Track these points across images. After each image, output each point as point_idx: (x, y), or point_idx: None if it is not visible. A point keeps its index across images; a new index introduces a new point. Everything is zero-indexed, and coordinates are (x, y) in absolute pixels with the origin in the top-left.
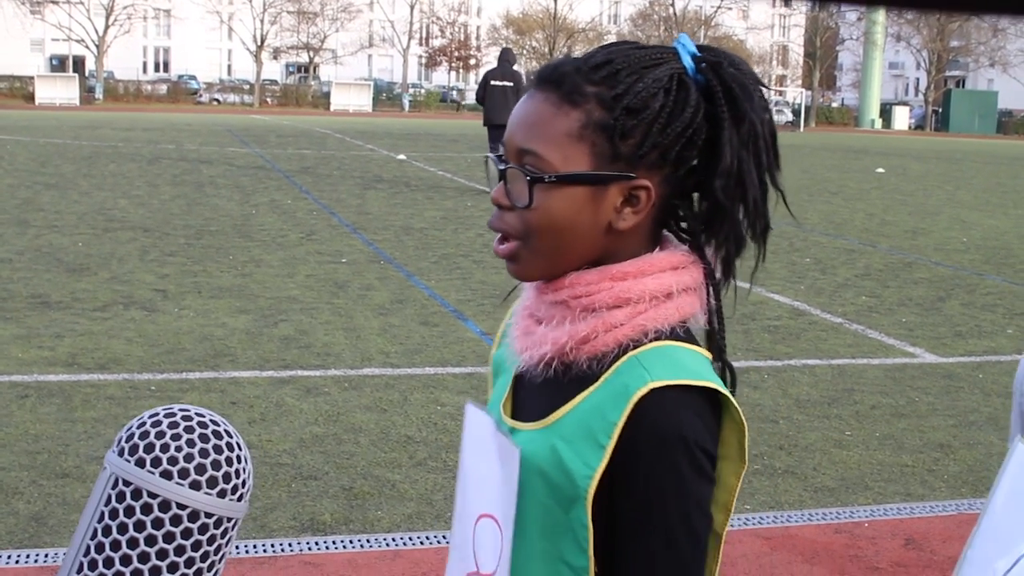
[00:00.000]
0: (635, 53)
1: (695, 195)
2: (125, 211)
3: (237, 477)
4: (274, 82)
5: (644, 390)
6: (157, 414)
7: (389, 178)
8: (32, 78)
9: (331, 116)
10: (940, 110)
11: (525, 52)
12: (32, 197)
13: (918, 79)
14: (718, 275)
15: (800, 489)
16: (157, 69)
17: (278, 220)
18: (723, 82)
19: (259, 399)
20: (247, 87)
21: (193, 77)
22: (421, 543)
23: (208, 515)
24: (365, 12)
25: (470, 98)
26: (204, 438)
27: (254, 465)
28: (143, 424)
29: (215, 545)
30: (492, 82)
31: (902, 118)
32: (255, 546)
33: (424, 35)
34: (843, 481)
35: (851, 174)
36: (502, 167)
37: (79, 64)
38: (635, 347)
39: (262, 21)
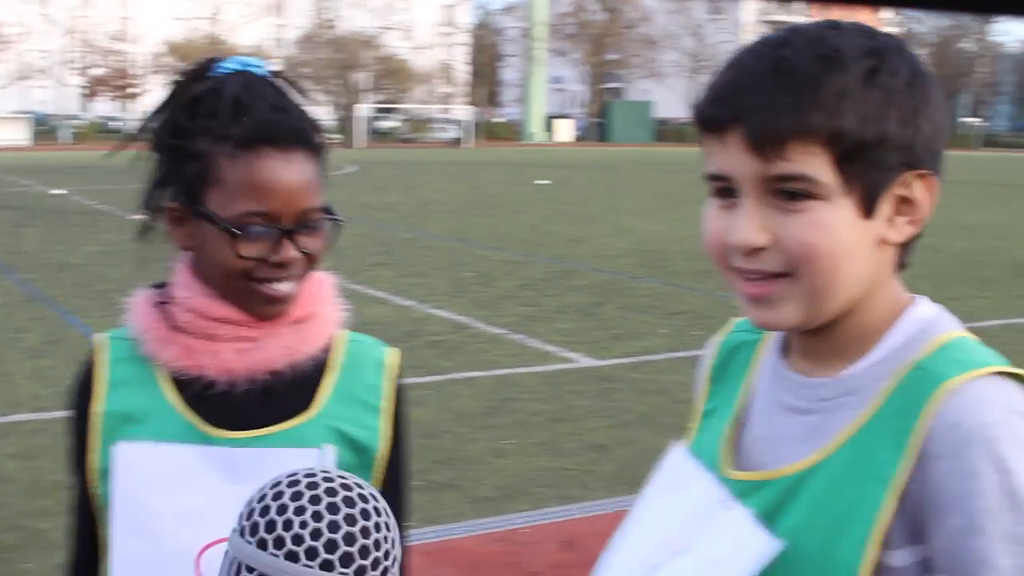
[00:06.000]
0: None
1: None
2: None
3: (378, 549)
4: None
5: None
6: (279, 483)
7: (46, 214)
8: None
9: None
10: (602, 121)
11: None
12: None
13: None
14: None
15: (462, 502)
16: None
17: None
18: None
19: None
20: None
21: None
22: None
23: None
24: (17, 42)
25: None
26: (333, 508)
27: None
28: (263, 497)
29: None
30: None
31: (566, 130)
32: None
33: (83, 65)
34: (503, 490)
35: (514, 187)
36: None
37: None
38: None
39: None
